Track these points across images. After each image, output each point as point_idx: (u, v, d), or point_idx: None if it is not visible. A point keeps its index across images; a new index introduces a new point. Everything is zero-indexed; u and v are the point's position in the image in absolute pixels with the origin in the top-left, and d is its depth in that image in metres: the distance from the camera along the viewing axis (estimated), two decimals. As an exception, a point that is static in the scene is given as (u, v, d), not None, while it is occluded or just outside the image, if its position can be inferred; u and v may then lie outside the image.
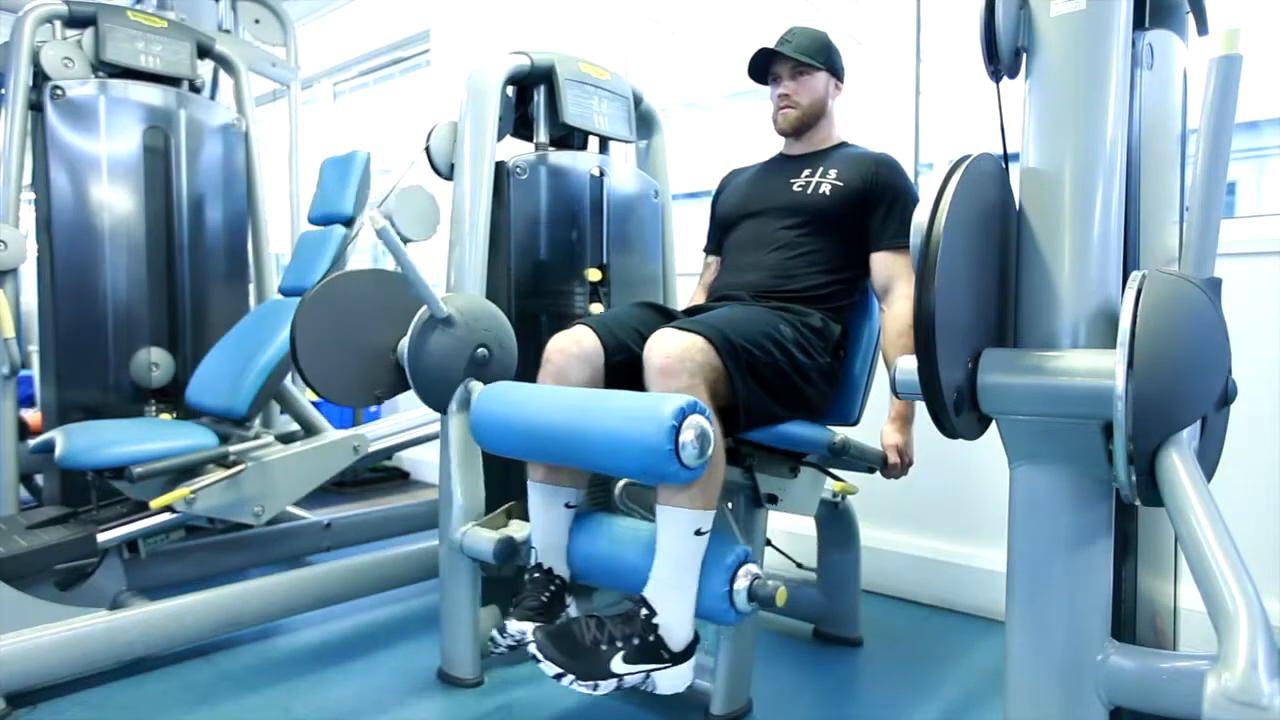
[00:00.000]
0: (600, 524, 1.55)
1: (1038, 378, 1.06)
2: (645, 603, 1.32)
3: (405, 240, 1.77)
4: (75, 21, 2.44)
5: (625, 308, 1.73)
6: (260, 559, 2.52)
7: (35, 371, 2.80)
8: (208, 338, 2.55)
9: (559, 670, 1.26)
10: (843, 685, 1.88)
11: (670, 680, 1.32)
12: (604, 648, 1.29)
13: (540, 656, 1.27)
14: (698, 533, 1.32)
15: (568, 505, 1.54)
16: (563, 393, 1.46)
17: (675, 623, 1.31)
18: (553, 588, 1.49)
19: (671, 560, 1.33)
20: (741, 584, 1.32)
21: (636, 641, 1.29)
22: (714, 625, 1.54)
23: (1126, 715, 1.10)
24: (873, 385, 1.82)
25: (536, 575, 1.51)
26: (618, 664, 1.27)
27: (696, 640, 1.34)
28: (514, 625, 1.41)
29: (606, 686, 1.27)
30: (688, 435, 1.20)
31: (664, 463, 1.20)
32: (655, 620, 1.30)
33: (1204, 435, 1.06)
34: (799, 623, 2.15)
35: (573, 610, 1.50)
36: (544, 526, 1.54)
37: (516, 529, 1.67)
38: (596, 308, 2.08)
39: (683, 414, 1.20)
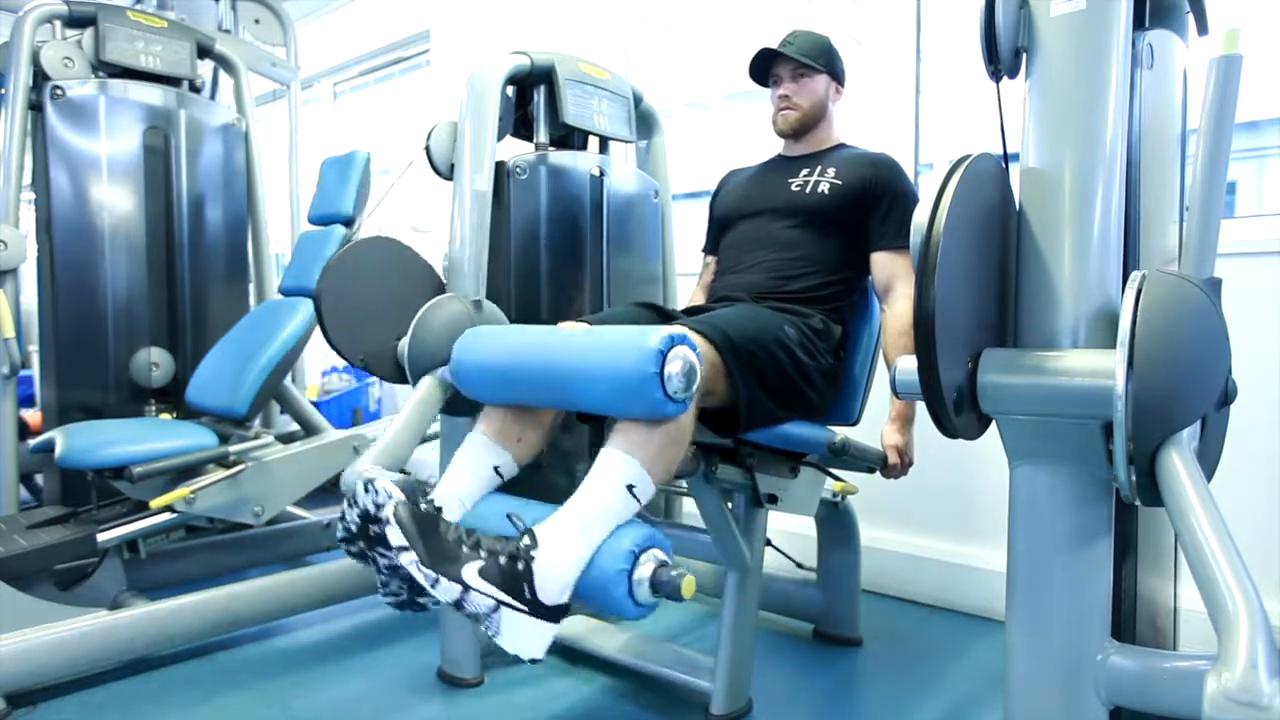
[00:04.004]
0: (514, 502, 1.34)
1: (1038, 378, 1.06)
2: (532, 534, 1.13)
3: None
4: (75, 21, 2.44)
5: (623, 307, 1.73)
6: (260, 559, 2.52)
7: (35, 371, 2.79)
8: (208, 338, 2.55)
9: (404, 544, 1.08)
10: (843, 685, 1.88)
11: (516, 631, 1.08)
12: (465, 549, 1.10)
13: (391, 520, 1.08)
14: (630, 489, 1.17)
15: (496, 470, 1.37)
16: (545, 330, 1.40)
17: (554, 571, 1.10)
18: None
19: (586, 505, 1.16)
20: (644, 571, 1.10)
21: (503, 561, 1.09)
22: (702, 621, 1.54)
23: (1126, 715, 1.10)
24: (873, 385, 1.82)
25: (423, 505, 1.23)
26: (470, 572, 1.07)
27: (566, 610, 1.12)
28: (382, 483, 1.13)
29: (448, 588, 1.07)
30: (674, 366, 1.15)
31: (649, 393, 1.14)
32: (534, 553, 1.10)
33: (1204, 435, 1.06)
34: (799, 623, 2.15)
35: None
36: (458, 476, 1.34)
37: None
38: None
39: (670, 343, 1.16)
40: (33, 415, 2.63)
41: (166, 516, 1.98)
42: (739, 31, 2.94)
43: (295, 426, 2.52)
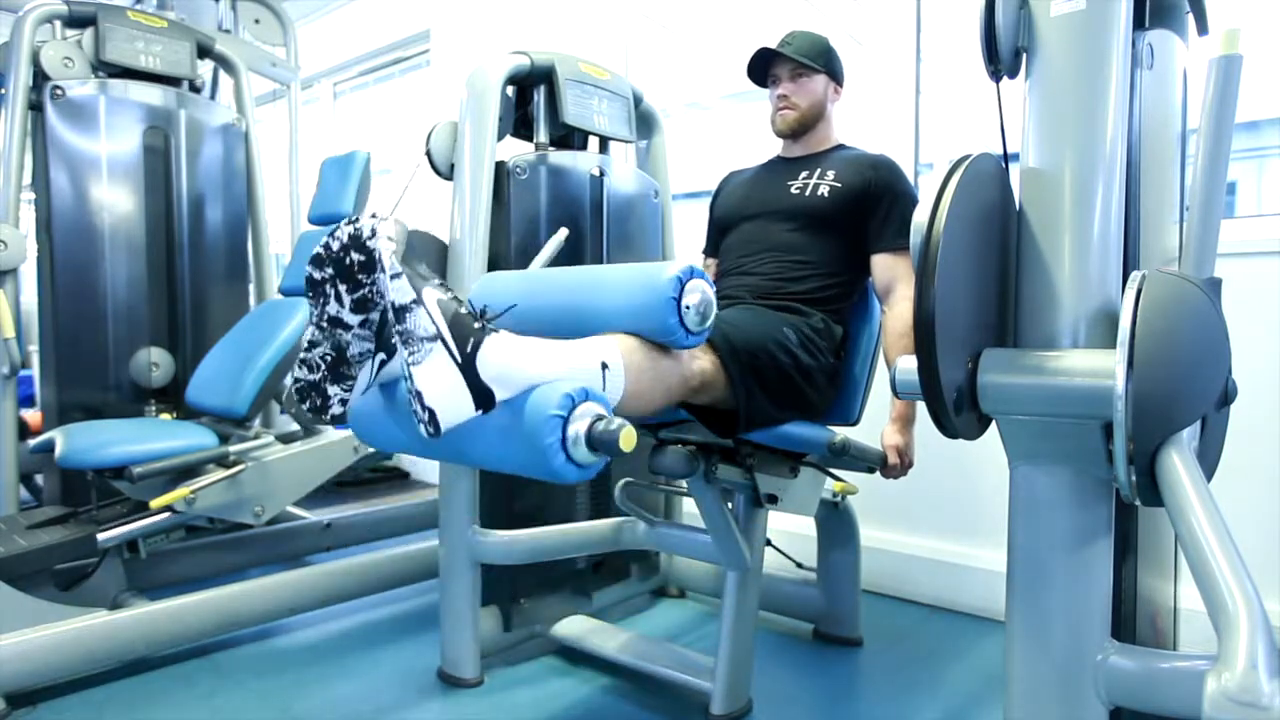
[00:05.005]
0: None
1: (1038, 378, 1.06)
2: (498, 325, 1.07)
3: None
4: (75, 21, 2.44)
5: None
6: (260, 559, 2.52)
7: (35, 371, 2.80)
8: (208, 338, 2.55)
9: (391, 235, 1.02)
10: (843, 685, 1.88)
11: (438, 374, 1.00)
12: (436, 280, 1.04)
13: (391, 221, 1.03)
14: (602, 367, 1.13)
15: None
16: (562, 270, 1.39)
17: (502, 356, 1.03)
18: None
19: (555, 347, 1.11)
20: (579, 427, 0.99)
21: (463, 309, 1.03)
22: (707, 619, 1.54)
23: (1126, 715, 1.10)
24: (873, 385, 1.82)
25: None
26: (430, 295, 1.01)
27: (491, 403, 1.03)
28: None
29: (403, 289, 1.00)
30: (692, 298, 1.17)
31: (666, 320, 1.16)
32: (492, 333, 1.04)
33: (1204, 435, 1.06)
34: (799, 623, 2.15)
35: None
36: None
37: None
38: None
39: (687, 275, 1.17)
40: (33, 415, 2.63)
41: (166, 516, 1.98)
42: (739, 31, 2.94)
43: (295, 426, 2.52)
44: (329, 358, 1.11)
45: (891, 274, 1.74)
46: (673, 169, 2.42)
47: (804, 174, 1.83)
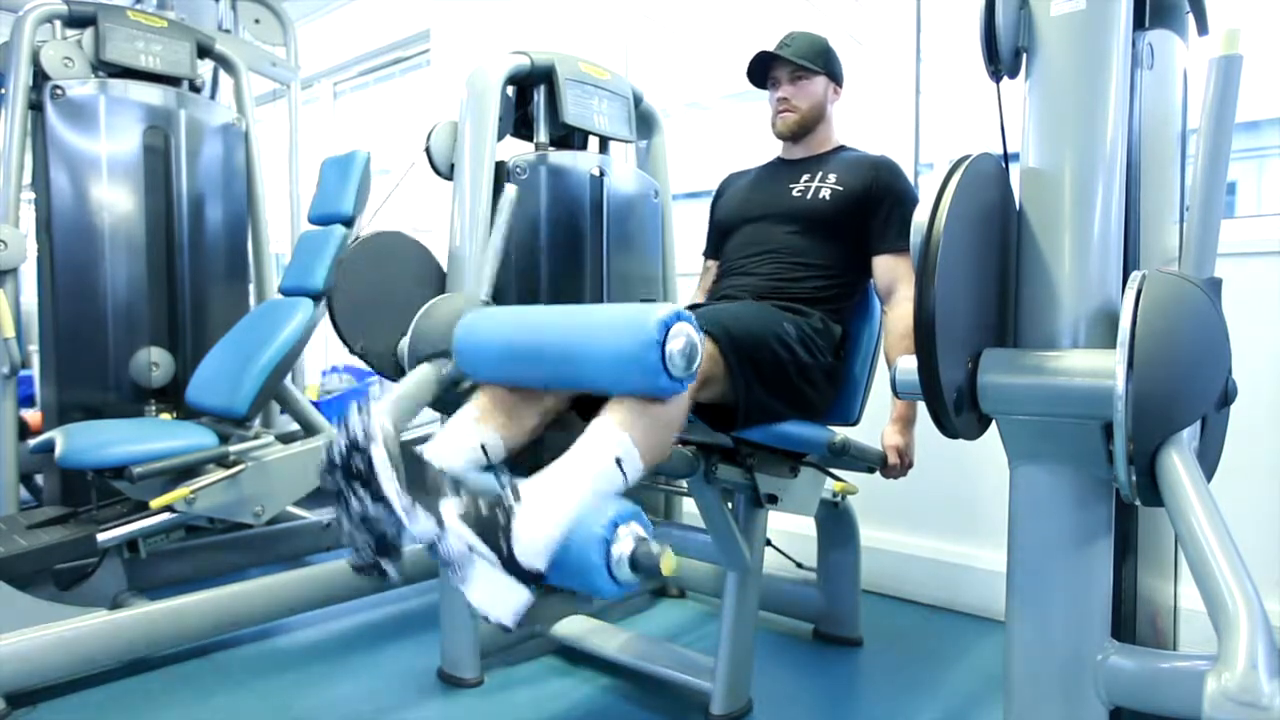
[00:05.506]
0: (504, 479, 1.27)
1: (1038, 378, 1.06)
2: (516, 490, 1.08)
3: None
4: (75, 21, 2.44)
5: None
6: (260, 559, 2.52)
7: (35, 371, 2.79)
8: (208, 338, 2.55)
9: (391, 471, 1.04)
10: (843, 685, 1.88)
11: (487, 586, 1.03)
12: (445, 492, 1.06)
13: (378, 439, 1.06)
14: (618, 463, 1.15)
15: (482, 448, 1.33)
16: (546, 310, 1.40)
17: (534, 529, 1.04)
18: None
19: (573, 470, 1.13)
20: (623, 548, 1.04)
21: (484, 509, 1.04)
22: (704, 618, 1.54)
23: (1126, 715, 1.10)
24: (873, 385, 1.82)
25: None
26: (449, 511, 1.03)
27: (541, 578, 1.06)
28: (378, 408, 1.11)
29: (424, 523, 1.03)
30: (675, 344, 1.14)
31: (650, 370, 1.14)
32: (515, 508, 1.05)
33: (1204, 435, 1.06)
34: (799, 623, 2.15)
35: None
36: (443, 444, 1.31)
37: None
38: None
39: (669, 324, 1.15)
40: (33, 415, 2.62)
41: (166, 516, 1.98)
42: (739, 31, 2.94)
43: (295, 426, 2.52)
44: (371, 543, 1.14)
45: (893, 275, 1.74)
46: (673, 169, 2.42)
47: (805, 177, 1.83)
